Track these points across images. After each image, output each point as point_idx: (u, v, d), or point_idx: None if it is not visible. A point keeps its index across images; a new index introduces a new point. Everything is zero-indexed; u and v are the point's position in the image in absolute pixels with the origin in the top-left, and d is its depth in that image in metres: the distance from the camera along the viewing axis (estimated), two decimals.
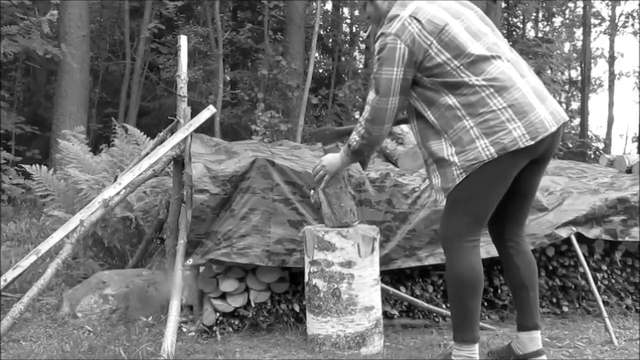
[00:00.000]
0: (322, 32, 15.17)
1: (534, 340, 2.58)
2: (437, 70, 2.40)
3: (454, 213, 2.48)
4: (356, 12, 17.16)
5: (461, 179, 2.39)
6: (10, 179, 7.98)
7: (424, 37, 2.40)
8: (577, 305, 3.62)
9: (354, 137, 2.56)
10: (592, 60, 20.34)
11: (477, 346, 2.46)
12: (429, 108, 2.47)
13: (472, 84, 2.37)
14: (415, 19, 2.41)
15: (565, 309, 3.59)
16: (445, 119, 2.42)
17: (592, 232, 3.49)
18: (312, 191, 3.04)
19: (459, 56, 2.39)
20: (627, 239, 3.56)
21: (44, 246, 3.05)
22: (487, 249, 3.30)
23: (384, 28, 2.46)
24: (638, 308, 3.67)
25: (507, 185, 2.45)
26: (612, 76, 20.03)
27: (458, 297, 2.45)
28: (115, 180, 3.52)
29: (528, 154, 2.41)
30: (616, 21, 19.84)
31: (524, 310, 2.60)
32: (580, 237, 3.47)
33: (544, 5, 17.71)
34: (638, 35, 19.26)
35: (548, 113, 2.39)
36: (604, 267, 3.68)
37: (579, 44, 19.98)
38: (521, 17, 18.54)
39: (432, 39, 2.40)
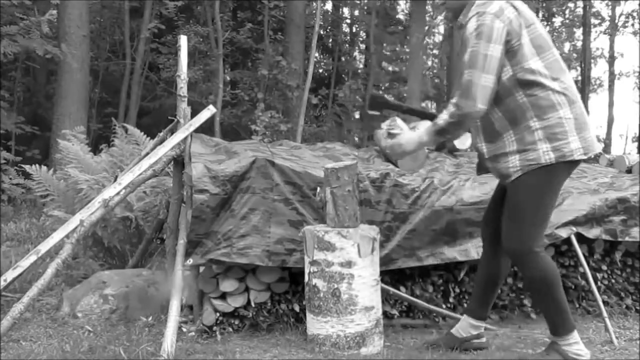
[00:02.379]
0: (322, 32, 15.18)
1: (479, 328, 2.89)
2: (521, 60, 2.48)
3: (523, 225, 2.57)
4: (356, 12, 17.17)
5: (517, 176, 2.51)
6: (10, 179, 7.97)
7: (518, 24, 2.48)
8: (577, 305, 3.62)
9: (443, 116, 2.56)
10: (592, 60, 20.33)
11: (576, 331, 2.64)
12: (497, 103, 2.53)
13: (547, 87, 2.48)
14: (512, 5, 2.51)
15: None
16: (512, 116, 2.52)
17: (592, 232, 3.49)
18: (317, 189, 3.03)
19: (540, 54, 2.50)
20: (627, 239, 3.56)
21: (44, 246, 3.05)
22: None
23: (480, 7, 2.51)
24: (638, 308, 3.67)
25: (558, 193, 2.60)
26: (612, 76, 20.03)
27: (551, 295, 2.60)
28: (115, 180, 3.52)
29: (571, 169, 2.56)
30: (616, 21, 19.83)
31: (486, 303, 2.89)
32: (580, 237, 3.47)
33: (544, 5, 17.70)
34: (638, 35, 19.25)
35: (594, 137, 2.57)
36: (604, 267, 3.68)
37: (579, 44, 19.97)
38: None
39: (524, 28, 2.49)
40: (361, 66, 16.56)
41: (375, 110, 3.00)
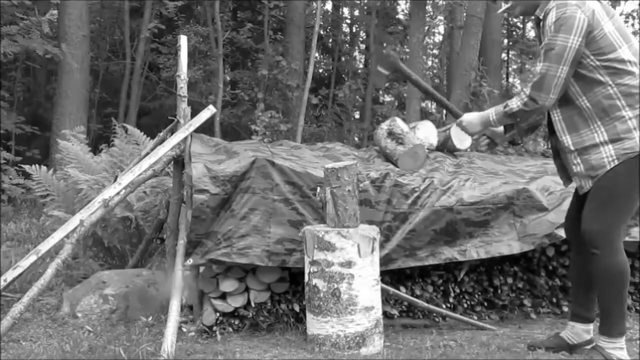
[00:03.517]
0: (322, 32, 15.15)
1: (589, 332, 2.79)
2: (607, 50, 2.48)
3: (611, 209, 2.54)
4: (356, 12, 17.16)
5: (613, 166, 2.48)
6: (10, 179, 7.96)
7: (601, 14, 2.50)
8: None
9: (515, 102, 2.61)
10: None
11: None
12: (584, 93, 2.54)
13: (637, 75, 2.48)
14: None
15: (565, 309, 3.59)
16: (601, 107, 2.51)
17: None
18: (318, 189, 3.03)
19: (626, 42, 2.50)
20: (627, 239, 3.55)
21: (44, 246, 3.05)
22: (487, 249, 3.32)
23: None
24: (638, 308, 3.67)
25: None
26: None
27: (620, 291, 2.56)
28: (115, 180, 3.52)
29: None
30: None
31: (588, 305, 2.76)
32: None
33: None
34: (638, 35, 19.26)
35: None
36: None
37: None
38: (521, 17, 18.53)
39: (607, 18, 2.50)
40: (361, 66, 16.55)
41: (384, 68, 2.95)
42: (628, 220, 2.64)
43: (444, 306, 3.41)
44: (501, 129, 2.94)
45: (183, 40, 3.52)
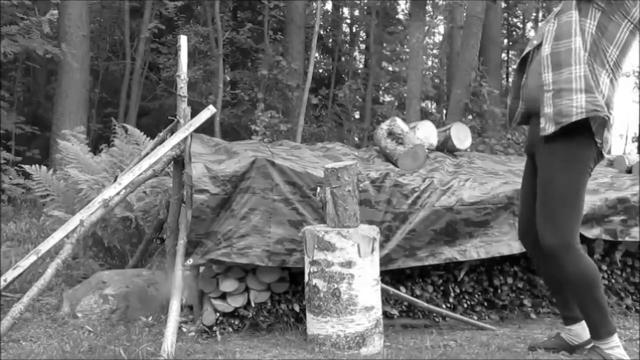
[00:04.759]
0: (322, 32, 15.16)
1: (586, 329, 2.72)
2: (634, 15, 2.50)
3: (561, 215, 2.53)
4: (356, 12, 17.16)
5: (579, 119, 2.45)
6: (10, 179, 7.96)
7: None
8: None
9: None
10: None
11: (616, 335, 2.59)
12: (596, 32, 2.50)
13: None
14: None
15: None
16: (596, 54, 2.50)
17: (592, 232, 3.49)
18: (318, 188, 3.03)
19: None
20: (627, 239, 3.56)
21: (44, 246, 3.05)
22: (487, 249, 3.32)
23: None
24: (638, 308, 3.68)
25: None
26: None
27: (592, 295, 2.54)
28: (115, 180, 3.52)
29: None
30: None
31: (570, 305, 2.75)
32: (580, 237, 3.46)
33: (544, 5, 17.70)
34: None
35: None
36: (604, 267, 3.68)
37: None
38: (521, 17, 18.54)
39: None
40: (361, 66, 16.55)
41: None
42: (580, 219, 2.60)
43: (444, 306, 3.41)
44: None
45: (183, 40, 3.52)
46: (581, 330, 2.79)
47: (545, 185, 2.59)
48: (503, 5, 14.58)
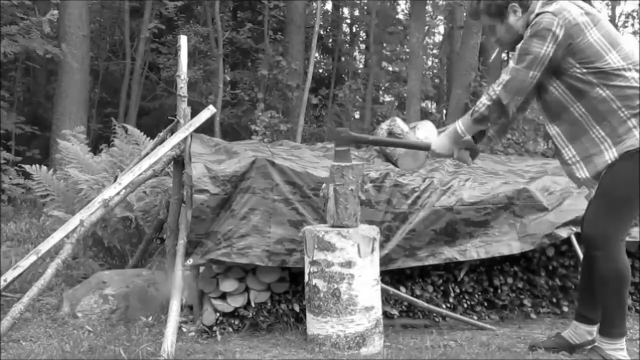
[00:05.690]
0: (322, 32, 15.16)
1: (592, 334, 2.77)
2: (594, 58, 2.48)
3: (611, 213, 2.54)
4: (356, 12, 17.16)
5: (613, 160, 2.47)
6: (10, 179, 7.96)
7: (585, 23, 2.49)
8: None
9: (481, 103, 2.60)
10: None
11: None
12: (578, 100, 2.53)
13: (628, 78, 2.47)
14: (576, 5, 2.53)
15: (565, 309, 3.59)
16: (597, 111, 2.51)
17: None
18: (323, 184, 3.03)
19: (614, 48, 2.50)
20: (627, 239, 3.55)
21: (44, 246, 3.05)
22: (487, 249, 3.32)
23: (542, 8, 2.54)
24: (638, 308, 3.67)
25: None
26: None
27: (620, 293, 2.56)
28: (115, 180, 3.52)
29: None
30: (616, 21, 19.84)
31: (594, 306, 2.74)
32: (580, 237, 3.47)
33: None
34: (638, 35, 19.26)
35: None
36: None
37: None
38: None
39: (592, 25, 2.49)
40: (361, 66, 16.55)
41: (342, 146, 2.93)
42: (630, 223, 2.63)
43: (444, 306, 3.41)
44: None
45: (183, 40, 3.52)
46: (586, 334, 2.79)
47: (605, 193, 2.57)
48: None
